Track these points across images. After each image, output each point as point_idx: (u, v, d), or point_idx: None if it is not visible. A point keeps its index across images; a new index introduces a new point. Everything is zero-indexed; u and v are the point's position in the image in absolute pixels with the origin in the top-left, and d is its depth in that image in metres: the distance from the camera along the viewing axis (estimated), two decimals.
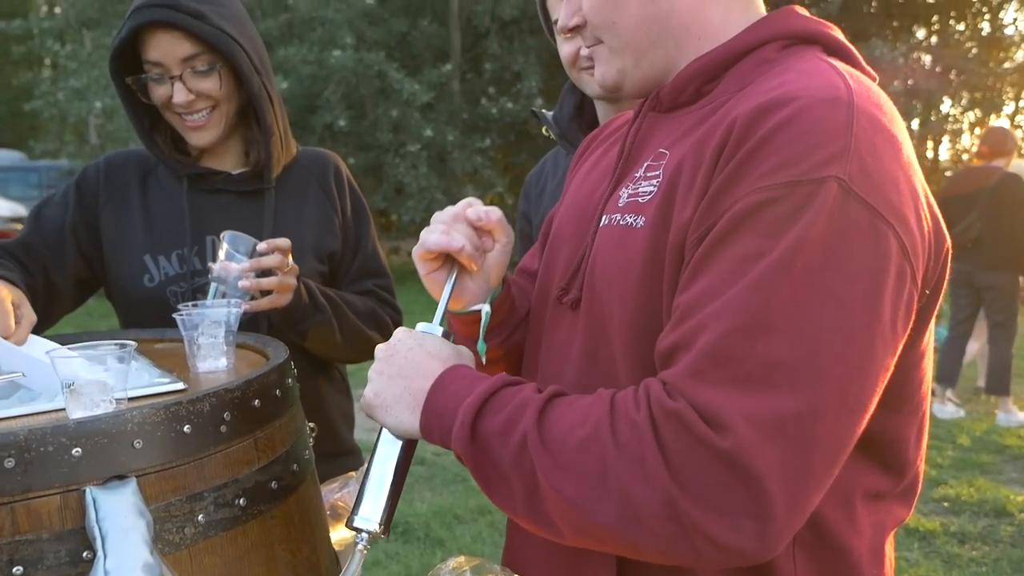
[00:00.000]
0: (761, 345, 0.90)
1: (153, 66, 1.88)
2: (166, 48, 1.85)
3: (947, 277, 1.08)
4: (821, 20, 1.18)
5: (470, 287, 1.31)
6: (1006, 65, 18.01)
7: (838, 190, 0.93)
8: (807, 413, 0.90)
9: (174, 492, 1.13)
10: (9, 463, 1.01)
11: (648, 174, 1.14)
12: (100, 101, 14.14)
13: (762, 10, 1.21)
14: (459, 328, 1.39)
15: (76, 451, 1.05)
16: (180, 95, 1.88)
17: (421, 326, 1.23)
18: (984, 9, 18.80)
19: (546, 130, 2.29)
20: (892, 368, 0.98)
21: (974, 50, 17.48)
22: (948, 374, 6.75)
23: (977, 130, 20.10)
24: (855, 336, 0.92)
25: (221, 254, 1.79)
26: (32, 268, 1.90)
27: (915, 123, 16.58)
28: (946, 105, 18.23)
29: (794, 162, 0.94)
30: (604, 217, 1.19)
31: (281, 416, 1.36)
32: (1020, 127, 19.63)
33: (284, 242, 1.80)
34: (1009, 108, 19.51)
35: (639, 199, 1.12)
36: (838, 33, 1.17)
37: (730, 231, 0.96)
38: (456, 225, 1.26)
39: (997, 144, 6.77)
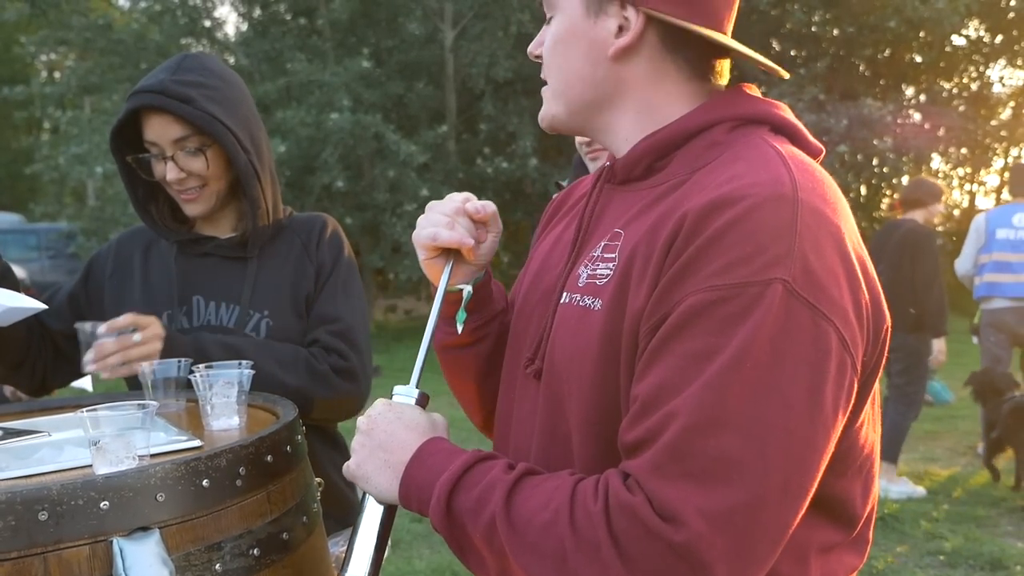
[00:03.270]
0: (714, 442, 0.98)
1: (151, 145, 2.03)
2: (159, 131, 1.99)
3: (886, 352, 1.16)
4: (769, 100, 1.24)
5: (462, 271, 1.42)
6: (994, 122, 18.28)
7: (783, 292, 1.00)
8: (755, 504, 0.98)
9: (193, 543, 1.21)
10: (43, 515, 1.09)
11: (605, 255, 1.21)
12: (101, 166, 14.29)
13: (720, 82, 1.28)
14: (443, 308, 1.46)
15: (104, 504, 1.13)
16: (172, 173, 2.01)
17: (398, 389, 1.32)
18: (971, 67, 19.13)
19: None
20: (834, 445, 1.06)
21: (962, 107, 17.75)
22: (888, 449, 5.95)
23: (967, 185, 20.38)
24: (798, 430, 1.00)
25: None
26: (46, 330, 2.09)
27: (905, 179, 16.78)
28: (936, 161, 18.47)
29: (742, 263, 1.02)
30: (564, 294, 1.27)
31: (292, 471, 1.44)
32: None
33: (122, 320, 1.88)
34: (998, 164, 19.77)
35: (597, 281, 1.20)
36: (785, 112, 1.24)
37: (682, 326, 1.03)
38: (460, 220, 1.37)
39: (906, 196, 6.33)
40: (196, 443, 1.43)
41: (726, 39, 1.21)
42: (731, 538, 0.97)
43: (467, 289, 1.41)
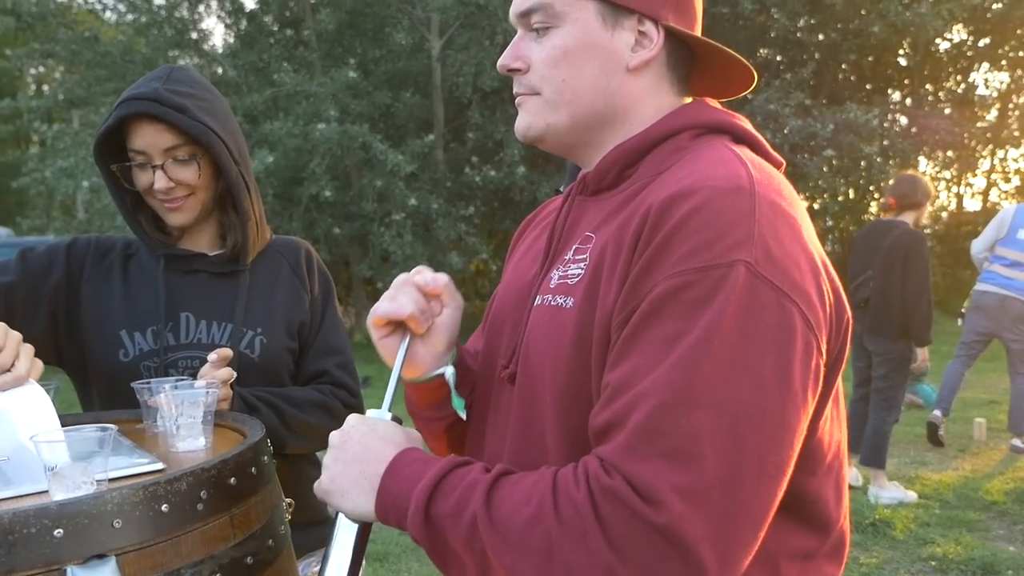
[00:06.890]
0: (686, 420, 0.98)
1: (137, 154, 1.98)
2: (149, 139, 1.95)
3: (848, 348, 1.17)
4: (730, 112, 1.29)
5: (420, 353, 1.36)
6: (979, 124, 18.35)
7: (746, 273, 1.02)
8: (731, 481, 0.98)
9: (152, 570, 1.18)
10: None
11: (576, 257, 1.23)
12: (88, 180, 14.23)
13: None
14: (417, 397, 1.44)
15: (58, 532, 1.10)
16: (161, 182, 1.97)
17: (371, 413, 1.29)
18: (956, 71, 19.20)
19: None
20: (805, 432, 1.07)
21: (948, 110, 17.83)
22: (851, 442, 5.65)
23: (954, 188, 20.43)
24: (769, 406, 1.01)
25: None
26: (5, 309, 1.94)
27: (892, 182, 16.79)
28: (922, 164, 18.52)
29: (705, 248, 1.04)
30: (538, 297, 1.27)
31: (257, 493, 1.41)
32: (996, 185, 19.97)
33: (227, 352, 1.85)
34: (985, 166, 19.85)
35: (568, 281, 1.21)
36: (745, 123, 1.28)
37: (652, 314, 1.04)
38: (404, 290, 1.33)
39: (905, 196, 5.93)
40: (158, 466, 1.40)
41: (733, 53, 1.27)
42: (711, 516, 0.97)
43: (448, 371, 1.36)
